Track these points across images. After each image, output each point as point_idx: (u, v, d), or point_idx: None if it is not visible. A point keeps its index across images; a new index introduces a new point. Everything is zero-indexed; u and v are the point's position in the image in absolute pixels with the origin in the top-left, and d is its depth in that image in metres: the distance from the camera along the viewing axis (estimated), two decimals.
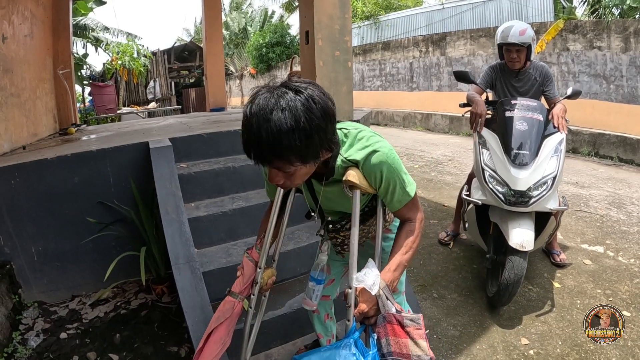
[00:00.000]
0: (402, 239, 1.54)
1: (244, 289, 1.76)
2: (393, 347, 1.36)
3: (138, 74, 15.95)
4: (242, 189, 3.46)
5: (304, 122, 1.17)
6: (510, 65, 3.25)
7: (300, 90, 1.19)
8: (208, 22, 8.07)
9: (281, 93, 1.18)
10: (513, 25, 3.13)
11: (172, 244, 2.58)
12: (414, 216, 1.56)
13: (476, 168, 3.12)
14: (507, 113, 3.03)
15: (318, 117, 1.20)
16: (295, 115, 1.16)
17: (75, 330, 2.87)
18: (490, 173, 2.90)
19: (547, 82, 3.27)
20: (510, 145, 2.90)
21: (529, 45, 3.11)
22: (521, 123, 2.95)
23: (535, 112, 3.00)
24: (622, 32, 7.68)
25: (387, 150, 1.46)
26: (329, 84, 3.87)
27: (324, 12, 3.82)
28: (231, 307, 1.73)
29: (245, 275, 1.76)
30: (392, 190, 1.49)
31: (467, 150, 8.18)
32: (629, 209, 4.64)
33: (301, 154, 1.21)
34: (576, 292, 3.08)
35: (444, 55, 11.44)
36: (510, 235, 2.70)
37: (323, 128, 1.23)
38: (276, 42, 19.58)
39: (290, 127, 1.15)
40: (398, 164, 1.48)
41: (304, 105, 1.18)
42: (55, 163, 3.15)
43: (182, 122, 5.71)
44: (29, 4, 4.92)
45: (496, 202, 2.84)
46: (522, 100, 3.08)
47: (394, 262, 1.49)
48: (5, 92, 3.96)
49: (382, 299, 1.39)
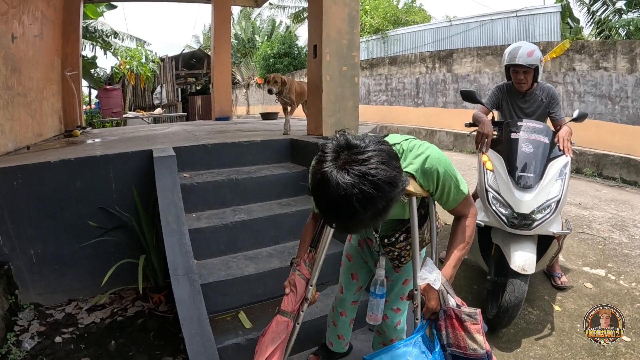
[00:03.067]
0: (459, 235, 1.63)
1: (296, 307, 1.75)
2: (452, 339, 1.49)
3: (145, 79, 16.07)
4: (244, 202, 3.45)
5: (372, 207, 1.19)
6: (517, 86, 3.23)
7: (365, 175, 1.17)
8: (217, 32, 8.15)
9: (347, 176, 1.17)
10: (521, 47, 3.10)
11: (172, 254, 2.57)
12: (468, 211, 1.65)
13: (480, 189, 3.09)
14: (513, 135, 3.01)
15: (385, 192, 1.19)
16: (362, 202, 1.17)
17: (70, 335, 2.86)
18: (494, 195, 2.88)
19: (554, 104, 3.24)
20: (514, 167, 2.88)
21: (537, 67, 3.09)
22: (526, 145, 2.92)
23: (541, 134, 2.97)
24: (629, 52, 7.70)
25: (438, 155, 1.54)
26: (335, 98, 3.89)
27: (332, 27, 3.84)
28: (285, 327, 1.71)
29: (298, 293, 1.75)
30: (448, 191, 1.57)
31: (470, 167, 8.16)
32: (632, 231, 4.61)
33: (369, 225, 1.30)
34: (576, 316, 3.04)
35: (450, 72, 11.47)
36: (512, 258, 2.68)
37: (391, 197, 1.23)
38: (284, 52, 19.68)
39: (358, 216, 1.19)
40: (450, 166, 1.56)
41: (375, 188, 1.17)
42: (58, 166, 3.15)
43: (187, 130, 5.73)
44: (40, 5, 4.97)
45: (499, 224, 2.81)
46: (528, 123, 3.05)
47: (454, 258, 1.60)
48: (12, 91, 3.99)
49: (443, 293, 1.51)
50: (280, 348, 1.71)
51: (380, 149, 1.23)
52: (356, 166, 1.18)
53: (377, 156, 1.20)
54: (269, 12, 24.48)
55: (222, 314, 2.71)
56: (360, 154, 1.20)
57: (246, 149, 3.84)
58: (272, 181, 3.52)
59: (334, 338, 2.37)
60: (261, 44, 22.56)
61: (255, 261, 2.98)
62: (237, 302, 2.78)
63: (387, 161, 1.22)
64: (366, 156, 1.20)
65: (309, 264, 1.79)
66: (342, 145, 1.24)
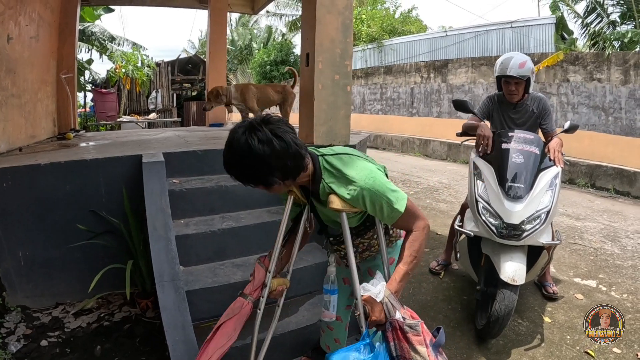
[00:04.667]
0: (405, 250, 1.69)
1: (254, 292, 1.93)
2: (399, 351, 1.54)
3: (141, 84, 16.09)
4: (233, 209, 3.44)
5: (236, 160, 1.53)
6: (509, 97, 3.22)
7: (253, 132, 1.50)
8: (213, 38, 8.15)
9: (242, 131, 1.52)
10: (512, 57, 3.08)
11: (158, 261, 2.56)
12: (413, 226, 1.69)
13: (470, 199, 3.08)
14: (504, 145, 2.99)
15: (260, 153, 1.48)
16: (231, 152, 1.53)
17: (56, 339, 2.84)
18: (484, 205, 2.86)
19: (545, 114, 3.23)
20: (505, 178, 2.86)
21: (528, 79, 3.07)
22: (517, 156, 2.91)
23: (532, 145, 2.96)
24: (622, 64, 7.78)
25: (366, 182, 1.63)
26: (327, 107, 3.88)
27: (325, 35, 3.84)
28: (240, 306, 1.90)
29: (256, 279, 1.93)
30: (380, 209, 1.64)
31: (463, 177, 8.18)
32: (624, 242, 4.62)
33: (239, 179, 1.59)
34: (566, 327, 3.03)
35: (445, 82, 11.54)
36: (502, 269, 2.66)
37: (251, 166, 1.52)
38: (281, 60, 19.76)
39: (226, 160, 1.56)
40: (380, 187, 1.62)
41: (249, 144, 1.48)
42: (48, 169, 3.14)
43: (180, 135, 5.72)
44: (37, 6, 4.96)
45: (488, 234, 2.79)
46: (519, 133, 3.04)
47: (399, 272, 1.67)
48: (6, 92, 3.96)
49: (388, 306, 1.57)
50: (233, 322, 1.89)
51: (284, 128, 1.54)
52: (259, 126, 1.51)
53: (278, 129, 1.52)
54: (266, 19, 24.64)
55: (207, 321, 2.67)
56: (269, 123, 1.54)
57: None
58: None
59: (330, 342, 2.37)
60: (258, 51, 22.66)
61: (243, 269, 2.96)
62: (223, 309, 2.70)
63: (265, 141, 1.49)
64: (270, 124, 1.53)
65: (269, 256, 1.95)
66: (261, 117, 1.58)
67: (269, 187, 1.61)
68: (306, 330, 2.64)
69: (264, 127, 1.51)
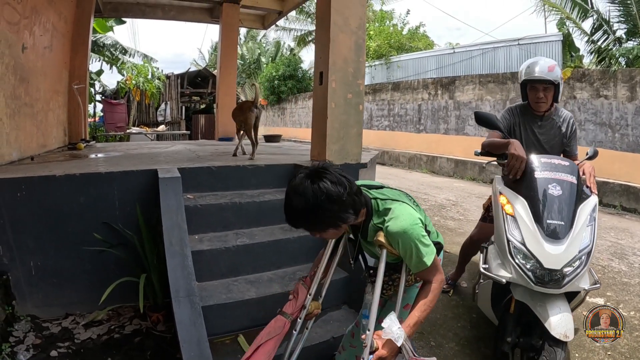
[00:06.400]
0: (420, 299, 1.79)
1: (295, 312, 2.01)
2: None
3: (150, 96, 16.24)
4: (247, 226, 3.46)
5: (311, 206, 1.61)
6: (535, 106, 2.90)
7: (314, 181, 1.63)
8: (223, 53, 8.27)
9: (302, 181, 1.64)
10: (539, 60, 2.82)
11: (174, 276, 2.57)
12: (432, 278, 1.81)
13: (498, 238, 2.63)
14: (537, 173, 2.55)
15: (323, 201, 1.60)
16: (305, 201, 1.61)
17: (66, 350, 2.84)
18: (517, 246, 2.42)
19: (573, 136, 2.97)
20: (541, 213, 2.44)
21: (558, 84, 2.79)
22: (554, 187, 2.48)
23: (568, 173, 2.55)
24: (629, 81, 7.82)
25: (406, 225, 1.76)
26: (339, 126, 3.92)
27: (339, 55, 3.89)
28: (282, 325, 1.97)
29: (299, 299, 2.03)
30: (409, 257, 1.77)
31: (470, 195, 8.20)
32: (631, 259, 4.61)
33: (310, 227, 1.72)
34: (574, 345, 3.01)
35: (452, 99, 11.60)
36: (552, 323, 2.26)
37: (327, 209, 1.63)
38: (289, 75, 19.89)
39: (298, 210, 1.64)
40: (416, 236, 1.75)
41: (315, 192, 1.61)
42: (62, 180, 3.18)
43: (190, 149, 5.78)
44: (51, 17, 5.05)
45: (524, 281, 2.36)
46: (552, 159, 2.63)
47: (412, 318, 1.75)
48: (19, 101, 4.03)
49: (406, 348, 1.66)
50: (274, 341, 1.95)
51: (338, 175, 1.68)
52: (314, 176, 1.64)
53: (330, 175, 1.65)
54: (274, 34, 24.87)
55: (221, 337, 2.70)
56: (325, 173, 1.66)
57: (250, 173, 3.87)
58: (275, 206, 3.49)
59: (352, 358, 2.38)
60: (266, 66, 22.82)
61: (256, 285, 2.99)
62: (237, 325, 2.78)
63: (336, 183, 1.64)
64: (325, 175, 1.65)
65: (311, 278, 2.08)
66: (317, 166, 1.71)
67: (338, 227, 1.74)
68: (317, 348, 2.64)
69: (327, 171, 1.68)
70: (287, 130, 20.16)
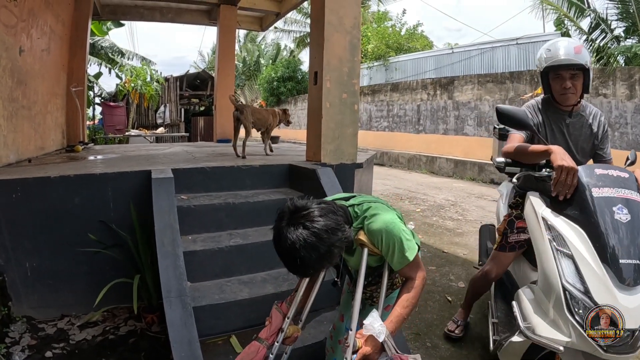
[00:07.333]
0: (403, 295, 1.78)
1: (270, 337, 1.95)
2: None
3: (149, 98, 16.28)
4: (240, 226, 3.45)
5: (315, 252, 1.52)
6: (562, 99, 2.31)
7: (306, 226, 1.53)
8: (221, 55, 8.27)
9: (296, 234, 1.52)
10: (561, 41, 2.28)
11: (165, 276, 2.56)
12: (414, 275, 1.80)
13: (546, 283, 1.91)
14: (595, 191, 1.86)
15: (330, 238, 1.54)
16: (306, 249, 1.51)
17: (61, 350, 2.83)
18: (579, 297, 1.74)
19: (605, 136, 2.41)
20: (608, 249, 1.74)
21: (588, 70, 2.24)
22: (620, 209, 1.79)
23: (631, 188, 1.88)
24: (628, 79, 7.81)
25: (386, 220, 1.75)
26: (334, 125, 3.92)
27: (333, 54, 3.89)
28: (256, 351, 1.92)
29: (273, 324, 1.97)
30: (392, 252, 1.75)
31: (470, 195, 8.19)
32: None
33: (317, 268, 1.61)
34: None
35: (452, 99, 11.59)
36: None
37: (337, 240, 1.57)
38: (288, 76, 19.92)
39: (305, 260, 1.52)
40: (397, 230, 1.74)
41: (314, 235, 1.52)
42: (57, 182, 3.17)
43: (187, 151, 5.77)
44: (49, 19, 5.06)
45: (589, 347, 1.71)
46: (610, 170, 1.96)
47: (395, 314, 1.73)
48: (17, 103, 4.03)
49: (388, 344, 1.64)
50: None
51: (320, 206, 1.61)
52: (300, 220, 1.54)
53: (317, 211, 1.57)
54: (273, 35, 24.92)
55: (213, 338, 2.68)
56: (304, 211, 1.57)
57: (244, 173, 3.86)
58: (269, 206, 3.50)
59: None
60: (265, 67, 22.86)
61: (250, 286, 2.97)
62: (230, 326, 2.76)
63: (325, 214, 1.58)
64: (307, 212, 1.57)
65: (288, 302, 2.01)
66: (291, 209, 1.59)
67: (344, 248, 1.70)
68: (311, 349, 2.62)
69: (308, 208, 1.60)
70: (286, 132, 20.17)
